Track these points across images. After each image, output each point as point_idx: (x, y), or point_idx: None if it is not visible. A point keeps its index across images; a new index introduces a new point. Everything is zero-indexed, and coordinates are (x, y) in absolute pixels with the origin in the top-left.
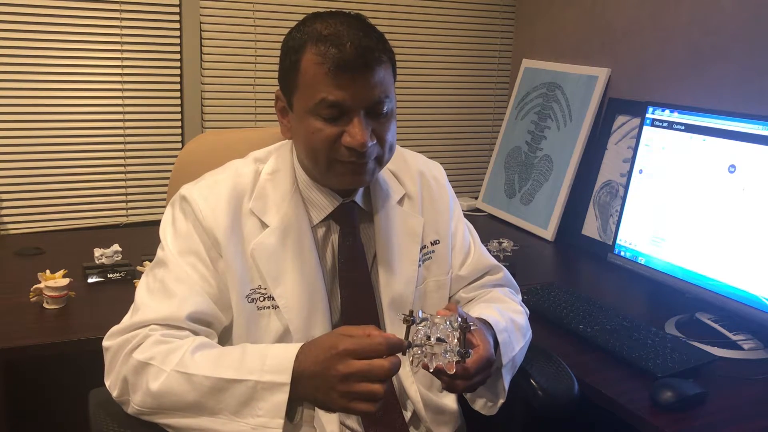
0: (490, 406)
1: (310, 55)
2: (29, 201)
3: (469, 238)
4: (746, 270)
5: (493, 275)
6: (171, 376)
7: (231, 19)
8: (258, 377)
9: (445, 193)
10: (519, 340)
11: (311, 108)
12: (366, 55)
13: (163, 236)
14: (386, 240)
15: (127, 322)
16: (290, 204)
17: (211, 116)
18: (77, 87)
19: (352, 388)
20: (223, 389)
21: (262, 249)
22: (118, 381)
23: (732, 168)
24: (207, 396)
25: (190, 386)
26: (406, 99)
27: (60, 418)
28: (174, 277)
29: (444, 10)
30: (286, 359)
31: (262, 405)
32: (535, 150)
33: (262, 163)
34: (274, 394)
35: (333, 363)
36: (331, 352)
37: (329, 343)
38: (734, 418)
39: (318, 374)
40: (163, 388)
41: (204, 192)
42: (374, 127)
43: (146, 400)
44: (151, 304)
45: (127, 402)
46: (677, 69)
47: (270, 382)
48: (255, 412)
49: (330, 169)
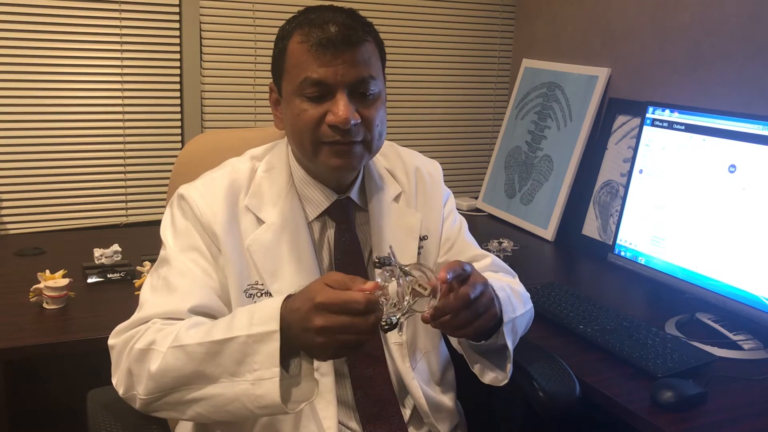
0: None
1: (296, 37)
2: (29, 201)
3: (457, 228)
4: (746, 270)
5: (480, 262)
6: (168, 353)
7: (231, 19)
8: (247, 331)
9: (438, 190)
10: (519, 305)
11: (296, 89)
12: (348, 33)
13: (164, 236)
14: (382, 236)
15: (131, 320)
16: (286, 200)
17: (211, 116)
18: (77, 87)
19: (333, 339)
20: (218, 352)
21: (259, 245)
22: (123, 376)
23: (732, 168)
24: (204, 363)
25: (187, 357)
26: (406, 99)
27: (60, 418)
28: (176, 272)
29: (444, 10)
30: (273, 309)
31: (256, 358)
32: (535, 150)
33: (258, 160)
34: (266, 344)
35: (310, 315)
36: (307, 304)
37: (308, 294)
38: (734, 418)
39: (299, 324)
40: (162, 366)
41: (201, 189)
42: (360, 108)
43: (149, 385)
44: (155, 300)
45: (134, 397)
46: (677, 69)
47: (259, 333)
48: (251, 367)
49: (316, 152)
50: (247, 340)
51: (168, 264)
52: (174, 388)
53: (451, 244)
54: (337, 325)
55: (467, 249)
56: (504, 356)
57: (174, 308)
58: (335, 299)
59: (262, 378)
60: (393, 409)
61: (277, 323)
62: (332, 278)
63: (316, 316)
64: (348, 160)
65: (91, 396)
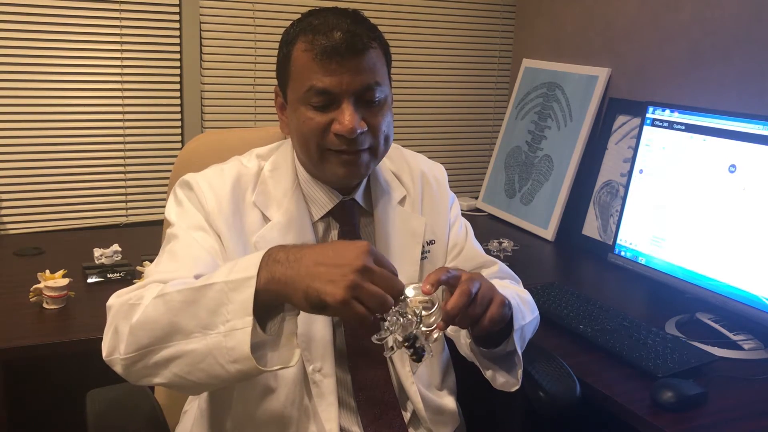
0: (512, 383)
1: (300, 44)
2: (29, 201)
3: (463, 234)
4: (746, 270)
5: (488, 269)
6: (149, 305)
7: (231, 19)
8: (225, 278)
9: (445, 194)
10: (527, 313)
11: (302, 97)
12: (353, 40)
13: (169, 215)
14: (386, 239)
15: (134, 285)
16: (291, 200)
17: (210, 116)
18: (77, 87)
19: (364, 284)
20: (194, 300)
21: (266, 242)
22: (109, 335)
23: (732, 168)
24: (180, 313)
25: (165, 307)
26: (406, 99)
27: (59, 418)
28: (183, 244)
29: (444, 10)
30: (255, 256)
31: (230, 308)
32: (535, 150)
33: (264, 159)
34: (241, 292)
35: (360, 254)
36: (361, 248)
37: (358, 243)
38: (734, 418)
39: (329, 260)
40: (141, 318)
41: (208, 176)
42: (366, 116)
43: (129, 341)
44: (158, 268)
45: (116, 360)
46: (677, 69)
47: (235, 280)
48: (224, 317)
49: (322, 159)
50: (223, 288)
51: (175, 238)
52: (150, 345)
53: (459, 250)
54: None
55: (476, 256)
56: (513, 363)
57: (178, 274)
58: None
59: (234, 328)
60: (394, 412)
61: (255, 269)
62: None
63: (366, 259)
64: (355, 168)
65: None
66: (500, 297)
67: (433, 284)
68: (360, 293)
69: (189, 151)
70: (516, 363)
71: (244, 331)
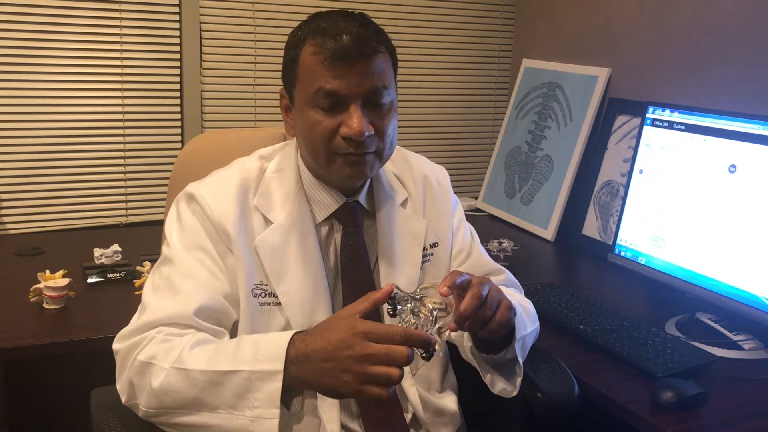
0: (510, 390)
1: (308, 47)
2: (29, 201)
3: (470, 240)
4: (746, 270)
5: (496, 277)
6: (170, 373)
7: (231, 19)
8: (252, 367)
9: (447, 197)
10: (529, 324)
11: (309, 99)
12: (362, 44)
13: (169, 233)
14: (388, 241)
15: (134, 324)
16: (294, 202)
17: (210, 116)
18: (77, 87)
19: (367, 370)
20: (219, 383)
21: (267, 246)
22: (125, 385)
23: (732, 168)
24: (205, 391)
25: (188, 382)
26: (406, 99)
27: (60, 418)
28: (180, 272)
29: (444, 10)
30: (279, 347)
31: (257, 396)
32: (535, 150)
33: (267, 160)
34: (268, 383)
35: (351, 343)
36: (348, 332)
37: (346, 324)
38: (734, 418)
39: (330, 355)
40: (163, 384)
41: (211, 187)
42: (373, 119)
43: (150, 399)
44: (158, 303)
45: (136, 406)
46: (677, 69)
47: (262, 371)
48: (251, 403)
49: (330, 162)
50: (249, 376)
51: (171, 263)
52: (174, 409)
53: (466, 256)
54: (380, 353)
55: (485, 264)
56: (513, 371)
57: (178, 312)
58: (377, 327)
59: (261, 417)
60: (396, 413)
61: (282, 363)
62: (358, 308)
63: (358, 343)
64: (360, 169)
65: (94, 395)
66: (507, 301)
67: (450, 286)
68: (368, 378)
69: (189, 151)
70: (516, 371)
71: (272, 421)
